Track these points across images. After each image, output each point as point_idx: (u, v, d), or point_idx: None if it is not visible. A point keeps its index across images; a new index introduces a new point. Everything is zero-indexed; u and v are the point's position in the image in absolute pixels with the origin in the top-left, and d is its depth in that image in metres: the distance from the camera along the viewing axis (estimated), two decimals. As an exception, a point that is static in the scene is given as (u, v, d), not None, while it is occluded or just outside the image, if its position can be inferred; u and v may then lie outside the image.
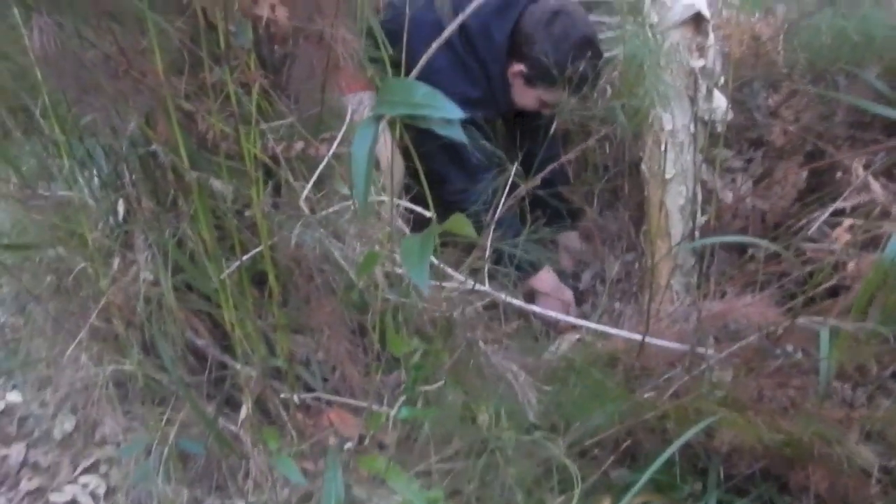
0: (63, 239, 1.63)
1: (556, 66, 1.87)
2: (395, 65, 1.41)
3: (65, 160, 1.62)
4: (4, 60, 1.00)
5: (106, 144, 1.50)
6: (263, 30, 1.11)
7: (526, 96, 2.03)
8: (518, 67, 1.97)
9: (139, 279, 1.45)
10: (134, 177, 1.51)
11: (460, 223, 0.85)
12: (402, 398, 1.12)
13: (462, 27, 1.88)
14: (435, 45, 0.98)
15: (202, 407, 1.43)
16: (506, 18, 1.95)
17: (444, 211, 0.94)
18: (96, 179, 1.65)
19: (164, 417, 1.45)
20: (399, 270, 1.19)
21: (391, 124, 1.22)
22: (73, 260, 1.62)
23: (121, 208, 1.59)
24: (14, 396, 1.96)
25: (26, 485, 1.71)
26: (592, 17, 2.13)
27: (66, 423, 1.84)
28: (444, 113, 0.72)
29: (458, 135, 0.73)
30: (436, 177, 1.89)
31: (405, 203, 1.27)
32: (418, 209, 1.25)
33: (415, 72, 1.00)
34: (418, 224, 1.35)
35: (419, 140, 1.08)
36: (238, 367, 1.49)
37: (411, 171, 1.67)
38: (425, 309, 1.25)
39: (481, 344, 1.22)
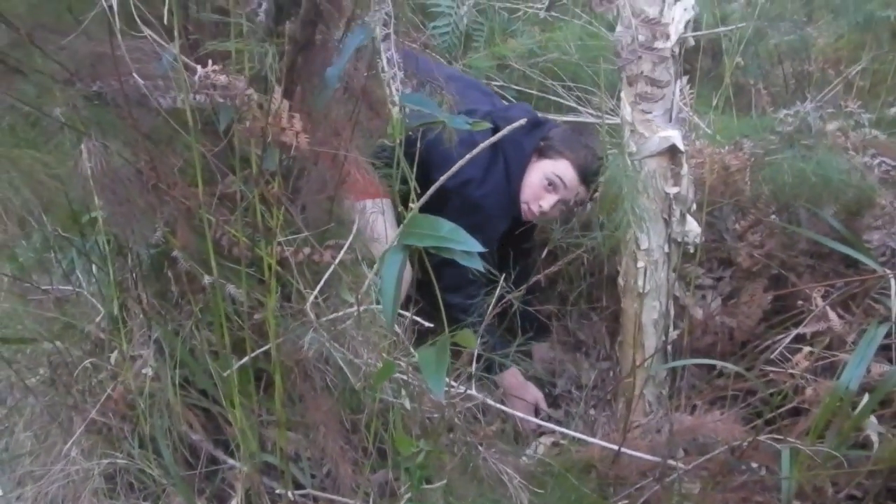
0: (59, 332, 1.68)
1: (569, 143, 2.06)
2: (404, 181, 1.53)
3: (61, 254, 1.70)
4: (55, 179, 1.09)
5: (113, 243, 1.59)
6: (286, 152, 1.22)
7: (534, 173, 2.17)
8: (537, 144, 2.17)
9: (140, 374, 1.51)
10: (137, 275, 1.58)
11: (467, 338, 0.95)
12: (407, 496, 1.18)
13: (496, 132, 2.07)
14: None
15: (194, 500, 1.48)
16: (536, 133, 2.18)
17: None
18: (94, 275, 1.73)
19: (156, 511, 1.49)
20: (399, 375, 1.28)
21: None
22: (68, 353, 1.68)
23: (115, 304, 1.65)
24: (-9, 491, 1.96)
25: (0, 587, 1.70)
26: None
27: (45, 521, 1.84)
28: (467, 247, 0.82)
29: (478, 265, 0.83)
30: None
31: (409, 314, 1.36)
32: (422, 321, 1.34)
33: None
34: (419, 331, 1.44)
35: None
36: (231, 462, 1.54)
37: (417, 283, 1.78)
38: (421, 411, 1.33)
39: (480, 448, 1.30)
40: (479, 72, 2.68)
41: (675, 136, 1.85)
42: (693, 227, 1.95)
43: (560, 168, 2.14)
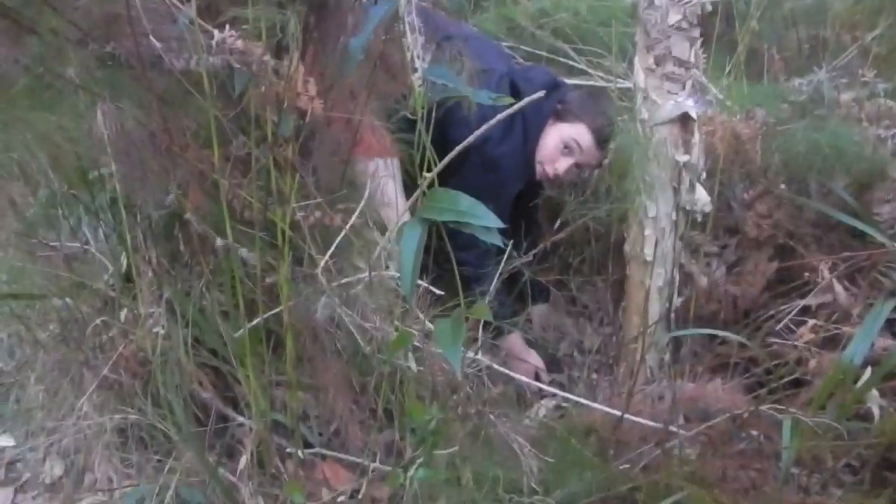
0: (68, 289, 1.70)
1: (585, 113, 2.08)
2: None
3: (68, 210, 1.70)
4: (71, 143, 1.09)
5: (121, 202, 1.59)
6: (301, 118, 1.21)
7: (552, 136, 2.18)
8: (554, 107, 2.18)
9: (151, 333, 1.53)
10: (146, 234, 1.58)
11: (482, 310, 0.96)
12: (419, 461, 1.21)
13: (515, 92, 2.10)
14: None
15: (205, 456, 1.50)
16: (553, 97, 2.16)
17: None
18: (101, 231, 1.73)
19: (167, 466, 1.52)
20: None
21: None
22: (78, 310, 1.69)
23: (124, 262, 1.66)
24: (3, 441, 2.00)
25: (13, 530, 1.75)
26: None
27: (56, 468, 1.88)
28: (486, 222, 0.83)
29: (496, 240, 0.84)
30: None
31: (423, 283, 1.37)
32: (434, 289, 1.35)
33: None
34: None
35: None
36: (240, 419, 1.57)
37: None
38: (431, 374, 1.35)
39: (491, 417, 1.32)
40: (488, 33, 2.65)
41: (687, 103, 1.84)
42: (702, 196, 1.94)
43: (577, 132, 2.15)
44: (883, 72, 2.28)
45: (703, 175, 1.94)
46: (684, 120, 1.87)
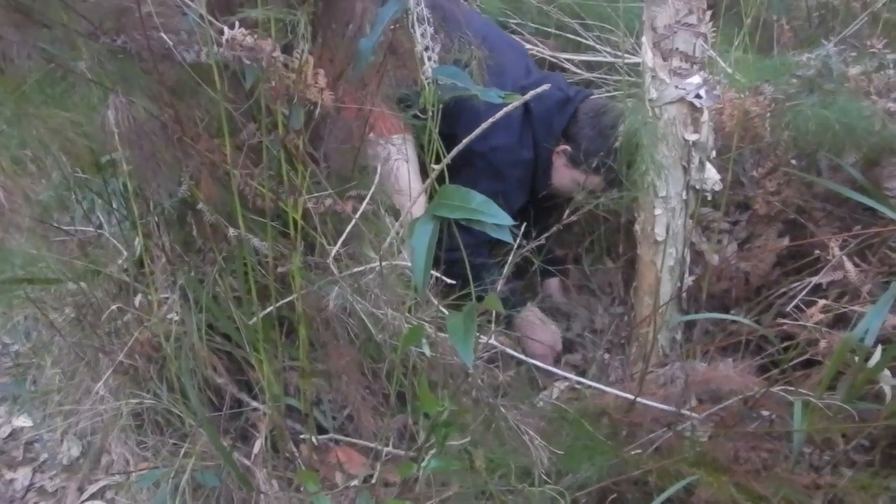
0: (83, 273, 1.71)
1: (597, 154, 2.05)
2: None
3: (81, 194, 1.71)
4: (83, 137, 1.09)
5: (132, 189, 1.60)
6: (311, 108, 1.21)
7: (563, 176, 2.20)
8: (564, 147, 2.16)
9: (166, 318, 1.54)
10: (159, 221, 1.59)
11: (494, 301, 0.96)
12: (432, 451, 1.22)
13: (527, 110, 2.10)
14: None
15: (219, 440, 1.52)
16: (565, 112, 2.16)
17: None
18: (115, 216, 1.74)
19: (182, 450, 1.54)
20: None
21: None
22: (92, 294, 1.71)
23: (138, 247, 1.67)
24: (21, 421, 2.03)
25: (32, 509, 1.78)
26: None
27: (73, 449, 1.91)
28: (498, 220, 0.83)
29: (507, 238, 0.84)
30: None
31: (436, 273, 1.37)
32: (447, 280, 1.35)
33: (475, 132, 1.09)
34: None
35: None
36: (254, 404, 1.58)
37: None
38: (442, 360, 1.36)
39: (502, 409, 1.33)
40: (495, 10, 2.62)
41: (696, 99, 1.82)
42: (712, 175, 1.94)
43: (589, 180, 2.15)
44: (894, 41, 2.25)
45: (713, 153, 1.93)
46: (695, 97, 1.86)
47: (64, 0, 1.07)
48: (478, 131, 1.01)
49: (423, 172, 1.88)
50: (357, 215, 1.36)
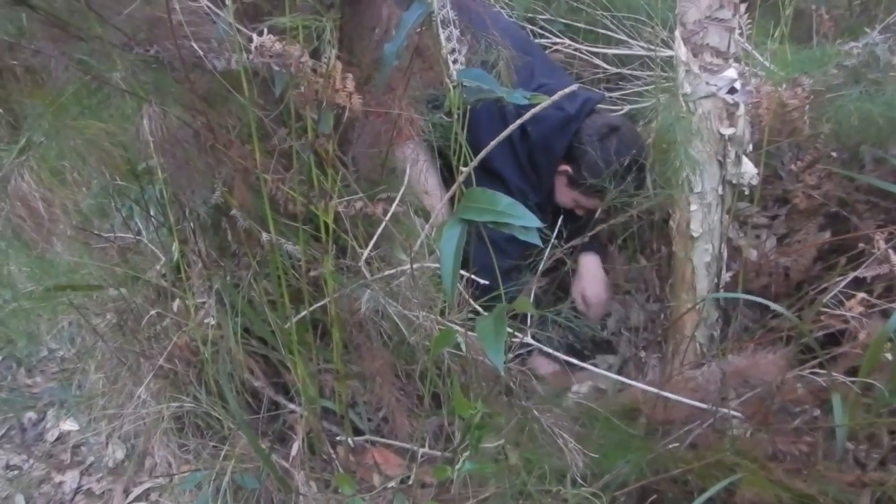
0: (122, 280, 1.75)
1: (601, 178, 1.98)
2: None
3: (120, 202, 1.75)
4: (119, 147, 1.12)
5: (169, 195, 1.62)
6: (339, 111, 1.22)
7: (565, 196, 2.17)
8: (565, 168, 2.11)
9: (203, 322, 1.57)
10: (195, 227, 1.61)
11: (525, 303, 0.96)
12: (466, 453, 1.22)
13: (524, 133, 2.03)
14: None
15: (258, 443, 1.54)
16: (566, 133, 2.08)
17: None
18: (152, 223, 1.78)
19: (222, 453, 1.56)
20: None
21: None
22: (133, 300, 1.74)
23: (175, 253, 1.70)
24: (68, 425, 2.08)
25: (81, 511, 1.82)
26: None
27: (118, 452, 1.96)
28: (525, 222, 0.83)
29: (536, 240, 0.84)
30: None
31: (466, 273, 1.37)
32: (479, 279, 1.35)
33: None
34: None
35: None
36: (291, 406, 1.60)
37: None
38: (475, 361, 1.37)
39: (535, 412, 1.33)
40: (524, 2, 2.61)
41: (731, 96, 1.80)
42: (749, 169, 1.90)
43: (590, 202, 2.12)
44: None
45: (750, 147, 1.90)
46: (728, 93, 1.83)
47: (99, 13, 1.09)
48: (482, 154, 1.01)
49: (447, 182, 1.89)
50: (387, 217, 1.37)
